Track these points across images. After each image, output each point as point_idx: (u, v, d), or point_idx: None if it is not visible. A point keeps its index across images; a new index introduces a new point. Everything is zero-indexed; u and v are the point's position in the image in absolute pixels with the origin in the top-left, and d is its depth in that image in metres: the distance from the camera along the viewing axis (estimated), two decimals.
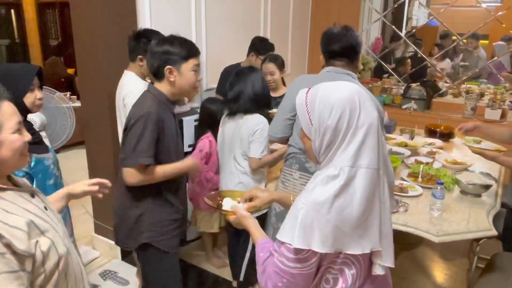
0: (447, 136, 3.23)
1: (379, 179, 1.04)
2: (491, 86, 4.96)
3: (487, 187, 2.19)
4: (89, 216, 3.11)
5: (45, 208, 1.09)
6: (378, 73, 5.31)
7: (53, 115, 2.62)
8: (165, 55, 1.69)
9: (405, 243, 3.19)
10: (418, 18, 7.53)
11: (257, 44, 3.16)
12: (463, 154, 2.84)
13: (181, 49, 1.69)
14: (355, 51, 1.88)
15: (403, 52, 5.89)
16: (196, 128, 2.81)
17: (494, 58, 4.90)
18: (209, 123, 2.61)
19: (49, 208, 1.12)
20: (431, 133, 3.27)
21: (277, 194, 1.54)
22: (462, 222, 1.91)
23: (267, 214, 2.18)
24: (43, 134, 2.11)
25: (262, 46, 3.14)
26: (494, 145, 2.73)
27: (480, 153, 2.22)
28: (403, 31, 6.24)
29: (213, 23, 3.31)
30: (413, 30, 5.63)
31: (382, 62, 5.16)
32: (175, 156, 1.82)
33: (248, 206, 1.39)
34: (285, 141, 2.11)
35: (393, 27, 5.37)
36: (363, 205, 0.99)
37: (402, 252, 3.14)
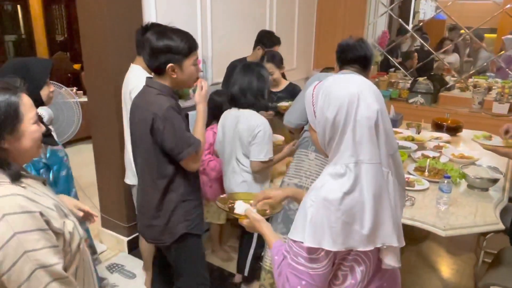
0: (454, 130, 3.21)
1: (384, 175, 1.02)
2: (499, 80, 4.90)
3: (495, 181, 2.18)
4: (96, 210, 3.13)
5: None
6: (385, 67, 5.27)
7: (60, 110, 2.62)
8: (168, 54, 1.64)
9: (412, 238, 3.18)
10: (425, 12, 7.47)
11: (264, 38, 3.19)
12: (470, 148, 2.82)
13: (183, 45, 1.65)
14: (368, 61, 2.01)
15: (410, 46, 5.84)
16: None
17: (502, 52, 4.85)
18: (216, 114, 2.61)
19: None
20: (438, 127, 3.26)
21: (291, 191, 1.53)
22: (469, 216, 1.91)
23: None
24: (51, 129, 2.12)
25: (269, 40, 3.18)
26: (501, 140, 2.70)
27: (493, 150, 2.21)
28: (410, 25, 6.19)
29: (219, 17, 3.30)
30: (420, 24, 5.58)
31: (389, 56, 5.12)
32: None
33: (263, 202, 1.40)
34: (300, 129, 2.20)
35: (400, 21, 5.33)
36: (372, 201, 0.99)
37: (409, 247, 3.14)
